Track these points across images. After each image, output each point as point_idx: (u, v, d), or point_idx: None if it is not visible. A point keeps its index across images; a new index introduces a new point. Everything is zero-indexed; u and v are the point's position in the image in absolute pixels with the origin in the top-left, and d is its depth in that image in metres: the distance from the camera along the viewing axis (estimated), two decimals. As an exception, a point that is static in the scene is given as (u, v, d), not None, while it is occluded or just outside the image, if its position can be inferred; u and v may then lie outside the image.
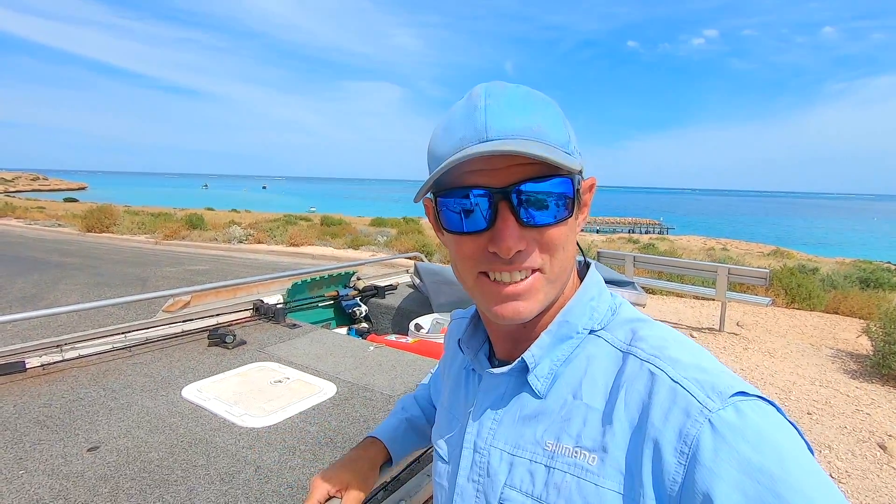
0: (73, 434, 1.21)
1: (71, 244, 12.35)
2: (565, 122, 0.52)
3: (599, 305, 0.57)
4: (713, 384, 0.44)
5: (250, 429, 1.27)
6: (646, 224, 55.73)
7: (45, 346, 1.65)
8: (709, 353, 0.50)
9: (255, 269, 9.10)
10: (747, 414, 0.42)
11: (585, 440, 0.49)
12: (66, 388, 1.46)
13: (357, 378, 1.63)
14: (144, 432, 1.23)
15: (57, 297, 6.39)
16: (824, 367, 4.67)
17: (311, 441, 1.23)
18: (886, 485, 2.77)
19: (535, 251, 0.50)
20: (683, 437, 0.42)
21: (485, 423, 0.58)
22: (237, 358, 1.76)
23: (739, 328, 5.90)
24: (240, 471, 1.08)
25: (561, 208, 0.50)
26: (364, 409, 1.42)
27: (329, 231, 14.78)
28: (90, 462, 1.09)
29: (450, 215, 0.51)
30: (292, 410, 1.37)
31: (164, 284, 7.35)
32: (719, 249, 19.78)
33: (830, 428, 3.41)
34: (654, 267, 6.97)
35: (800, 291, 7.28)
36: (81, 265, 8.83)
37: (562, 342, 0.55)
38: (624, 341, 0.53)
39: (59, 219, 17.82)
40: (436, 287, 2.54)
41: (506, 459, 0.54)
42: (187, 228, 14.46)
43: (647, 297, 2.30)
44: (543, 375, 0.54)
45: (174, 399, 1.42)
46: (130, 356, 1.74)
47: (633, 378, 0.49)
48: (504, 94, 0.50)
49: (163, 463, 1.10)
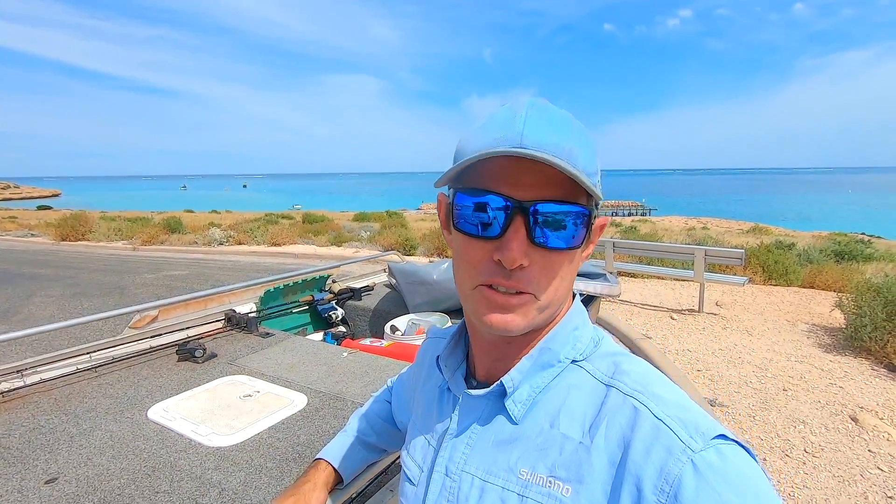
0: (31, 466, 1.18)
1: (45, 254, 12.04)
2: (596, 153, 0.52)
3: (582, 335, 0.57)
4: (696, 424, 0.45)
5: (216, 448, 1.25)
6: (628, 206, 56.31)
7: (5, 372, 1.61)
8: (686, 394, 0.51)
9: (235, 272, 8.99)
10: (728, 457, 0.43)
11: (560, 470, 0.49)
12: (27, 416, 1.42)
13: (329, 387, 1.62)
14: (106, 459, 1.21)
15: (31, 310, 6.24)
16: (799, 342, 4.79)
17: (278, 458, 1.22)
18: (858, 456, 2.86)
19: (535, 274, 0.50)
20: (665, 476, 0.43)
21: (458, 447, 0.57)
22: (207, 373, 1.73)
23: (718, 308, 6.02)
24: (203, 494, 1.07)
25: (573, 235, 0.50)
26: (335, 419, 1.41)
27: (311, 228, 14.65)
28: (47, 495, 1.07)
29: (464, 213, 0.51)
30: (261, 426, 1.36)
31: (142, 292, 7.22)
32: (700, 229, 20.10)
33: (805, 403, 3.50)
34: (633, 252, 7.06)
35: (776, 268, 7.43)
36: (56, 276, 8.62)
37: (543, 369, 0.55)
38: (606, 374, 0.53)
39: (32, 228, 17.35)
40: (410, 287, 2.52)
41: (477, 485, 0.54)
42: (165, 232, 14.21)
43: (620, 287, 2.32)
44: (521, 401, 0.54)
45: (139, 420, 1.39)
46: (96, 377, 1.70)
47: (615, 411, 0.49)
48: (546, 111, 0.50)
49: (124, 491, 1.08)
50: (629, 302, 6.37)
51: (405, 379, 0.85)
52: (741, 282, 5.92)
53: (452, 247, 0.56)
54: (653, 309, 6.09)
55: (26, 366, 1.65)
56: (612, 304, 6.17)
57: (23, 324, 5.63)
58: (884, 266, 7.99)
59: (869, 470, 2.73)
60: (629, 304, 6.30)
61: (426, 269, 2.56)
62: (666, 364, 4.16)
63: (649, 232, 14.90)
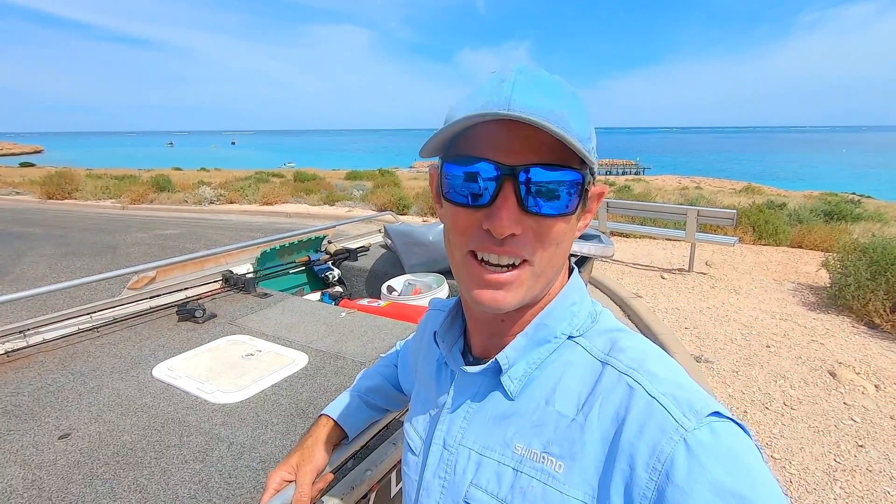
0: (42, 422, 1.22)
1: (32, 213, 11.86)
2: (589, 120, 0.50)
3: (580, 311, 0.57)
4: (690, 402, 0.45)
5: (223, 405, 1.29)
6: (622, 165, 55.92)
7: (8, 333, 1.63)
8: (685, 371, 0.50)
9: (228, 231, 8.94)
10: (721, 435, 0.43)
11: (554, 447, 0.49)
12: (33, 375, 1.46)
13: (329, 346, 1.66)
14: (116, 416, 1.25)
15: (23, 269, 6.21)
16: (785, 300, 4.92)
17: (283, 414, 1.26)
18: (833, 409, 3.01)
19: (528, 240, 0.49)
20: (657, 454, 0.43)
21: (455, 421, 0.58)
22: (208, 332, 1.76)
23: (708, 267, 6.12)
24: (213, 448, 1.12)
25: (566, 202, 0.49)
26: (336, 377, 1.46)
27: (303, 187, 14.46)
28: (62, 449, 1.11)
29: (453, 182, 0.50)
30: (264, 384, 1.40)
31: (134, 251, 7.19)
32: (693, 188, 20.12)
33: (787, 359, 3.64)
34: (626, 212, 7.08)
35: (766, 228, 7.52)
36: (46, 235, 8.53)
37: (538, 346, 0.55)
38: (602, 351, 0.52)
39: (16, 186, 16.98)
40: (406, 248, 2.54)
41: (474, 459, 0.54)
42: (154, 191, 13.98)
43: (614, 248, 2.35)
44: (517, 377, 0.54)
45: (145, 379, 1.43)
46: (98, 337, 1.73)
47: (609, 389, 0.49)
48: (535, 75, 0.49)
49: (136, 445, 1.13)
50: (621, 262, 6.46)
51: (409, 346, 0.87)
52: (731, 242, 6.00)
53: (443, 220, 0.55)
54: (644, 268, 6.18)
55: (27, 326, 1.67)
56: (605, 264, 6.25)
57: (15, 283, 5.62)
58: (872, 226, 8.10)
59: (843, 421, 2.88)
60: (621, 263, 6.39)
61: (422, 229, 2.57)
62: (655, 322, 4.28)
63: (643, 191, 14.90)
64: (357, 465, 1.02)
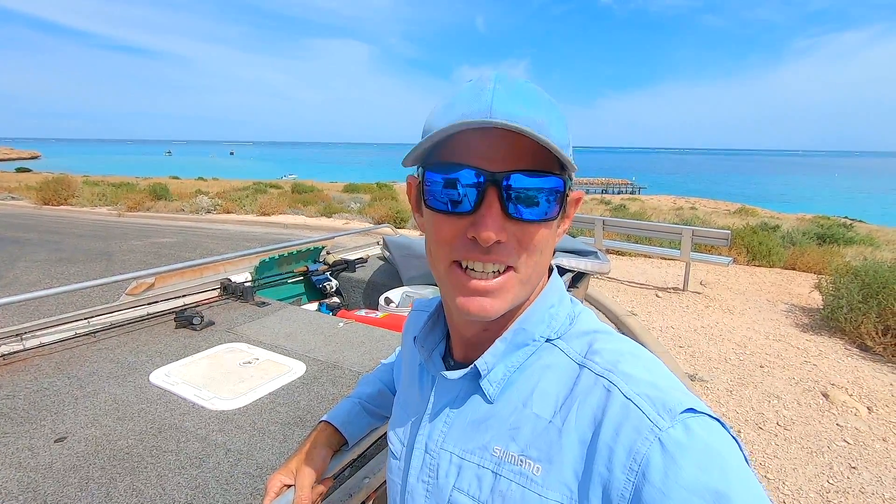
0: (39, 425, 1.21)
1: (27, 218, 11.79)
2: (567, 127, 0.51)
3: (558, 313, 0.57)
4: (664, 401, 0.45)
5: (220, 412, 1.29)
6: (618, 184, 56.43)
7: (5, 336, 1.62)
8: (663, 366, 0.51)
9: (224, 240, 8.92)
10: (696, 431, 0.43)
11: (531, 450, 0.49)
12: (30, 379, 1.45)
13: (327, 356, 1.67)
14: (112, 420, 1.24)
15: (17, 275, 6.16)
16: (778, 321, 4.95)
17: (280, 422, 1.26)
18: (826, 429, 3.02)
19: (513, 247, 0.49)
20: (633, 455, 0.43)
21: (437, 426, 0.58)
22: (205, 340, 1.76)
23: (702, 287, 6.16)
24: (210, 454, 1.12)
25: (548, 208, 0.49)
26: (333, 387, 1.46)
27: (301, 199, 14.49)
28: (58, 453, 1.11)
29: (435, 190, 0.50)
30: (262, 391, 1.40)
31: (130, 259, 7.16)
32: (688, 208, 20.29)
33: (780, 379, 3.65)
34: (622, 230, 7.14)
35: (760, 249, 7.59)
36: (40, 241, 8.48)
37: (517, 349, 0.55)
38: (580, 353, 0.53)
39: (12, 191, 16.91)
40: (405, 260, 2.56)
41: (455, 462, 0.55)
42: (151, 199, 13.97)
43: (610, 264, 2.38)
44: (496, 381, 0.55)
45: (142, 385, 1.43)
46: (95, 342, 1.73)
47: (586, 392, 0.49)
48: (513, 84, 0.49)
49: (132, 451, 1.12)
50: (616, 279, 6.49)
51: (402, 352, 0.88)
52: (725, 262, 6.06)
53: (424, 228, 0.55)
54: (639, 287, 6.21)
55: (24, 330, 1.67)
56: (600, 281, 6.28)
57: (8, 288, 5.57)
58: (863, 250, 8.20)
59: (836, 442, 2.89)
60: (616, 281, 6.42)
61: (420, 242, 2.59)
62: (650, 340, 4.29)
63: (638, 210, 15.02)
64: (355, 473, 1.02)
